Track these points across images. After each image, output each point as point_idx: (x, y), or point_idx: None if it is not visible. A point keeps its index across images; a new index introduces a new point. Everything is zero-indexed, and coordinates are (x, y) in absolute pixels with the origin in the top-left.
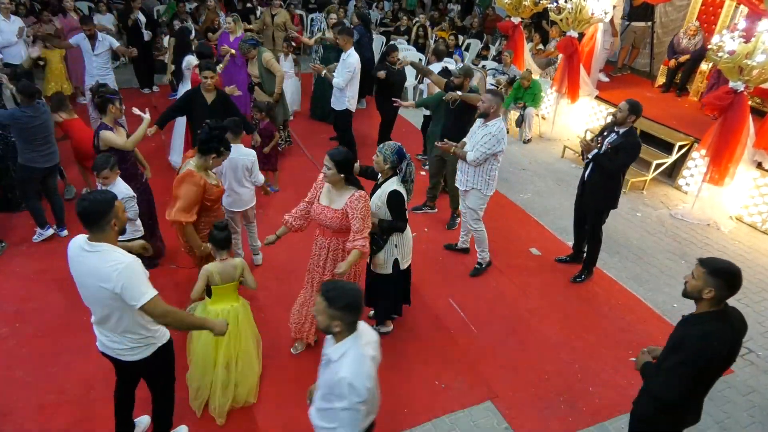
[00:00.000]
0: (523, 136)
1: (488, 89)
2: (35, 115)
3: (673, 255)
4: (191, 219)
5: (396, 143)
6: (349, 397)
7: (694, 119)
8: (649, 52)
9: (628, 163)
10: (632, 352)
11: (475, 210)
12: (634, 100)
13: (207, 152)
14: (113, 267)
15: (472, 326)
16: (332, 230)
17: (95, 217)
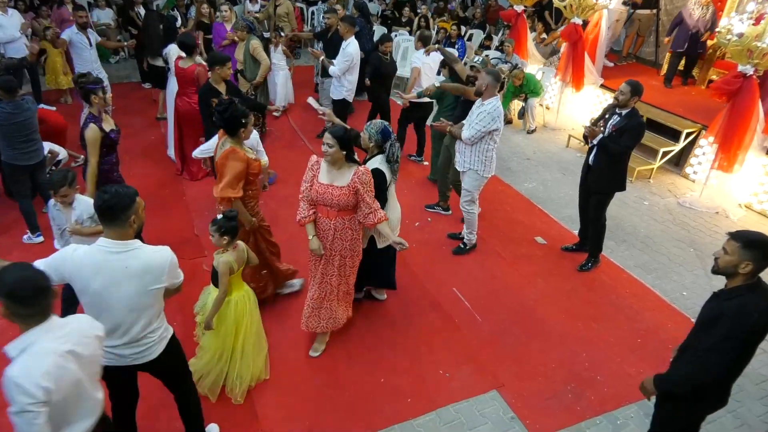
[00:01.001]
0: (527, 127)
1: (487, 69)
2: (15, 111)
3: (681, 243)
4: (239, 194)
5: (382, 122)
6: (18, 398)
7: (701, 106)
8: (654, 41)
9: (633, 145)
10: (641, 341)
11: (470, 191)
12: (635, 80)
13: (234, 130)
14: (164, 255)
15: (476, 315)
16: (337, 209)
17: (117, 211)
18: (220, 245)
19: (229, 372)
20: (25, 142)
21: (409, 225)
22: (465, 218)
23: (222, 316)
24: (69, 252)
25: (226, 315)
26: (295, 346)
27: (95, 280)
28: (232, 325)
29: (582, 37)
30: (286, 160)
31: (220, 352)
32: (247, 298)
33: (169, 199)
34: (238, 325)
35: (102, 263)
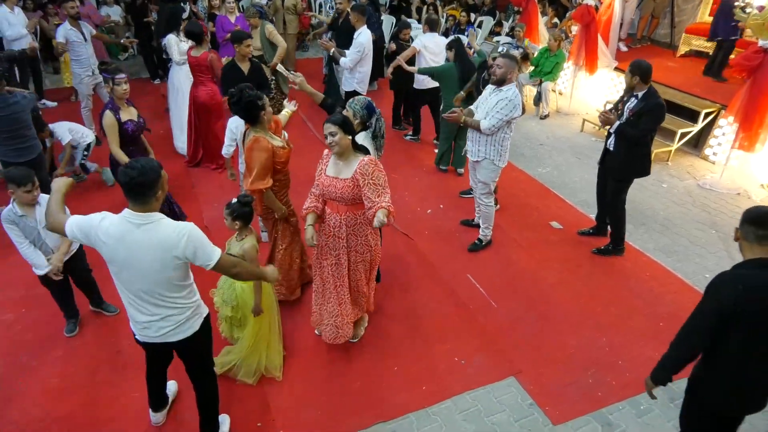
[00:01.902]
0: (540, 112)
1: (502, 53)
2: (0, 105)
3: (702, 225)
4: (269, 184)
5: (366, 98)
6: None
7: (719, 86)
8: (669, 22)
9: (654, 128)
10: (663, 324)
11: (486, 183)
12: (637, 60)
13: (254, 117)
14: (180, 233)
15: (491, 301)
16: (345, 204)
17: (145, 188)
18: (232, 229)
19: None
20: (14, 138)
21: (421, 212)
22: (481, 212)
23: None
24: (97, 220)
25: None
26: (307, 334)
27: (119, 251)
28: (266, 308)
29: (595, 18)
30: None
31: (256, 339)
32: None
33: (178, 191)
34: (269, 308)
35: (125, 234)
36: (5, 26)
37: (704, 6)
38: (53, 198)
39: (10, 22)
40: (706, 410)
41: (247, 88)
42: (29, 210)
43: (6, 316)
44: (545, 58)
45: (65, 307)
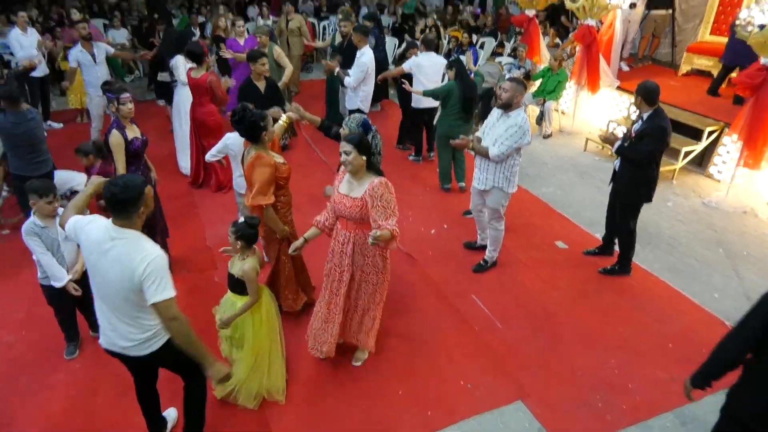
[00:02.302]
0: (543, 132)
1: (509, 77)
2: (18, 121)
3: (709, 244)
4: (271, 200)
5: (362, 115)
6: None
7: (722, 104)
8: (670, 42)
9: (654, 150)
10: (672, 346)
11: (496, 209)
12: (644, 81)
13: (255, 136)
14: (144, 258)
15: (497, 322)
16: (355, 222)
17: (125, 203)
18: (234, 249)
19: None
20: (31, 153)
21: (425, 232)
22: (490, 235)
23: (256, 322)
24: (85, 221)
25: (260, 320)
26: (309, 355)
27: (93, 255)
28: (266, 329)
29: (596, 38)
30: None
31: (256, 360)
32: (272, 299)
33: (181, 211)
34: (271, 329)
35: (102, 242)
36: (17, 48)
37: (705, 26)
38: (80, 195)
39: (21, 44)
40: (739, 427)
41: (250, 107)
42: (50, 221)
43: (7, 337)
44: (547, 77)
45: (68, 329)
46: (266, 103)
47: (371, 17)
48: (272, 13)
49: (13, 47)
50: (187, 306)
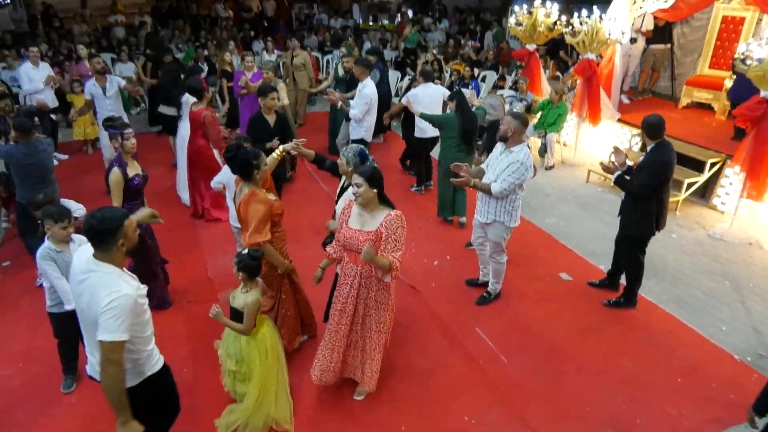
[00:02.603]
0: (545, 163)
1: (513, 113)
2: (30, 152)
3: (714, 276)
4: (267, 237)
5: (358, 146)
6: None
7: (723, 136)
8: (670, 75)
9: (650, 183)
10: (681, 380)
11: (498, 242)
12: (648, 116)
13: (248, 174)
14: (111, 293)
15: (502, 356)
16: None
17: (103, 236)
18: (237, 280)
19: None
20: (40, 183)
21: (428, 264)
22: (492, 268)
23: (262, 354)
24: (76, 247)
25: (266, 351)
26: (314, 387)
27: (73, 283)
28: (272, 359)
29: (596, 72)
30: (299, 202)
31: (263, 392)
32: (274, 328)
33: (183, 242)
34: (277, 358)
35: (81, 269)
36: (25, 81)
37: (703, 60)
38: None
39: (30, 77)
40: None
41: (244, 145)
42: (64, 246)
43: (5, 370)
44: (548, 110)
45: (69, 361)
46: (272, 136)
47: (374, 51)
48: (277, 48)
49: (21, 80)
50: (186, 337)
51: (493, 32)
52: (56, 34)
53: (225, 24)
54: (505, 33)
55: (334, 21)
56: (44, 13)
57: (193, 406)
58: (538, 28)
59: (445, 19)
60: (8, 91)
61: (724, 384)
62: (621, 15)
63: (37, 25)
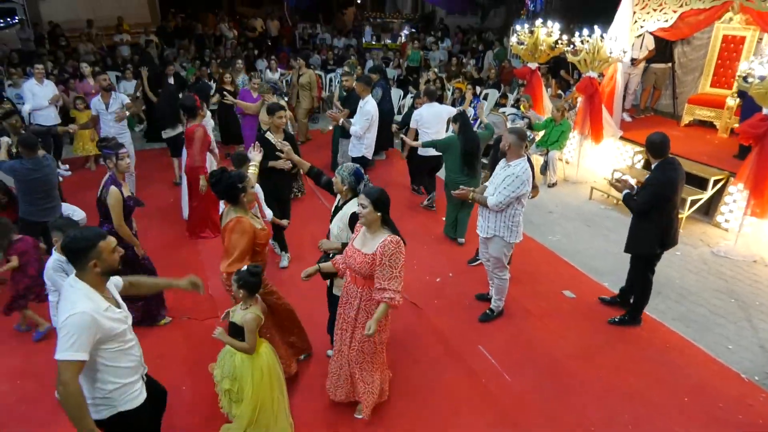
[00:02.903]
0: (547, 180)
1: (511, 128)
2: (35, 168)
3: (720, 294)
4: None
5: (354, 165)
6: None
7: (726, 153)
8: (671, 93)
9: (649, 201)
10: (688, 399)
11: (498, 258)
12: (651, 134)
13: (234, 198)
14: (68, 309)
15: (504, 374)
16: (363, 277)
17: (74, 254)
18: (237, 297)
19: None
20: (43, 198)
21: (430, 281)
22: (495, 284)
23: (256, 375)
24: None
25: (261, 373)
26: (315, 407)
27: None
28: (268, 381)
29: (598, 90)
30: (305, 222)
31: (258, 414)
32: (272, 351)
33: (184, 259)
34: (275, 380)
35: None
36: (29, 97)
37: (705, 78)
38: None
39: (34, 93)
40: None
41: (228, 169)
42: None
43: (1, 387)
44: (551, 128)
45: None
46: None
47: (377, 70)
48: (280, 66)
49: (25, 96)
50: (186, 354)
51: (495, 51)
52: (62, 53)
53: (230, 43)
54: (506, 52)
55: (337, 40)
56: (51, 32)
57: (191, 426)
58: (539, 46)
59: (447, 39)
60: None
61: (732, 403)
62: (622, 34)
63: (44, 44)
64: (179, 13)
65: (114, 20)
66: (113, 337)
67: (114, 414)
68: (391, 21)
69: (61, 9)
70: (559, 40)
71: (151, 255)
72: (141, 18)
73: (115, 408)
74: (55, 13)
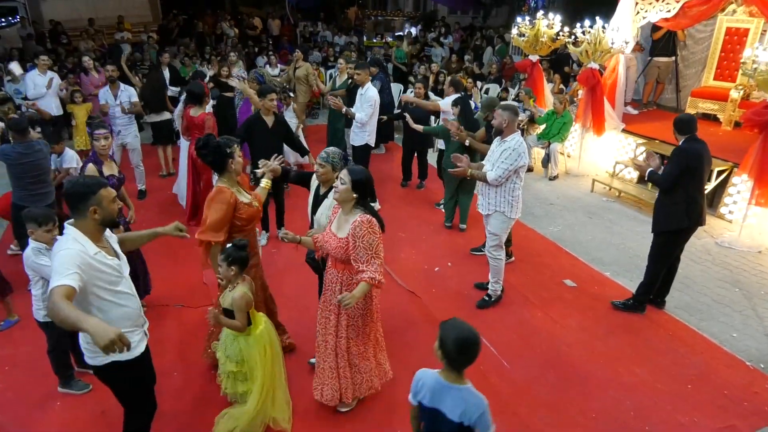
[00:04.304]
0: (549, 173)
1: (504, 104)
2: (26, 152)
3: (724, 283)
4: (219, 239)
5: (337, 149)
6: None
7: (729, 146)
8: (675, 87)
9: (674, 172)
10: (692, 387)
11: (497, 234)
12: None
13: (221, 165)
14: (58, 247)
15: (504, 362)
16: (341, 261)
17: (75, 198)
18: (227, 277)
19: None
20: (35, 183)
21: (428, 270)
22: (491, 265)
23: (261, 353)
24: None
25: (264, 350)
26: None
27: None
28: (270, 357)
29: (600, 81)
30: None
31: (264, 390)
32: (272, 326)
33: (180, 247)
34: (276, 356)
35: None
36: (30, 87)
37: (708, 72)
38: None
39: (36, 83)
40: None
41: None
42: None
43: None
44: (552, 120)
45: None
46: (271, 138)
47: (376, 63)
48: (280, 63)
49: (27, 86)
50: (178, 341)
51: (497, 48)
52: (63, 50)
53: (230, 41)
54: (508, 48)
55: (338, 38)
56: (52, 30)
57: (182, 411)
58: (540, 38)
59: (449, 35)
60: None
61: (737, 391)
62: (624, 24)
63: (45, 43)
64: (181, 13)
65: (115, 19)
66: (104, 282)
67: (108, 362)
68: (392, 19)
69: (63, 8)
70: (560, 32)
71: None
72: (142, 17)
73: (108, 357)
74: (56, 12)
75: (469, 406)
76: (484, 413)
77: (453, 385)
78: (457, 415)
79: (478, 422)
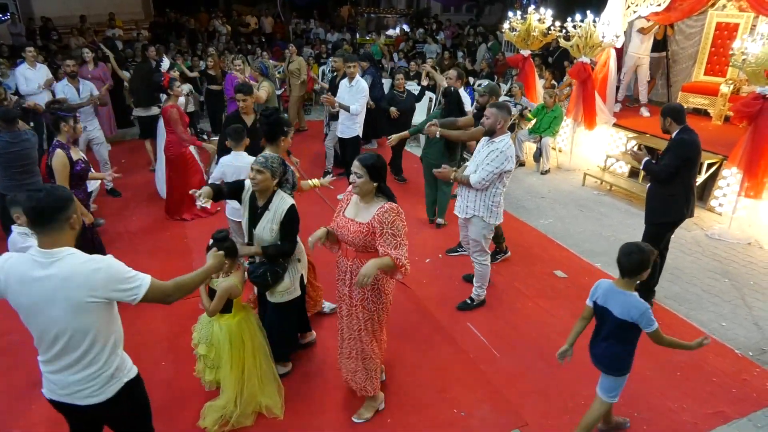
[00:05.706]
0: (540, 168)
1: (492, 103)
2: (13, 141)
3: (714, 274)
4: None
5: (276, 154)
6: None
7: (719, 139)
8: (665, 83)
9: (675, 164)
10: (681, 374)
11: (478, 241)
12: (667, 103)
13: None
14: (95, 267)
15: (494, 350)
16: (356, 249)
17: (52, 211)
18: (227, 273)
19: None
20: (22, 173)
21: (419, 262)
22: (476, 270)
23: (234, 343)
24: (2, 261)
25: (240, 341)
26: (300, 380)
27: (22, 295)
28: (250, 349)
29: (591, 75)
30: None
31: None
32: (256, 320)
33: (169, 241)
34: (257, 349)
35: (27, 275)
36: (21, 82)
37: (698, 67)
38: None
39: (27, 78)
40: None
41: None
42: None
43: None
44: (542, 114)
45: None
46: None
47: (366, 57)
48: (273, 59)
49: (18, 81)
50: (166, 331)
51: (489, 44)
52: (54, 47)
53: (223, 38)
54: (500, 45)
55: (331, 35)
56: (43, 27)
57: (170, 401)
58: (532, 32)
59: (441, 32)
60: None
61: (726, 378)
62: (614, 18)
63: (35, 40)
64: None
65: (107, 16)
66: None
67: (121, 387)
68: (385, 16)
69: (54, 5)
70: (551, 27)
71: (135, 240)
72: (134, 14)
73: (121, 380)
74: (47, 9)
75: (631, 308)
76: (645, 313)
77: (622, 291)
78: (621, 313)
79: (640, 319)
